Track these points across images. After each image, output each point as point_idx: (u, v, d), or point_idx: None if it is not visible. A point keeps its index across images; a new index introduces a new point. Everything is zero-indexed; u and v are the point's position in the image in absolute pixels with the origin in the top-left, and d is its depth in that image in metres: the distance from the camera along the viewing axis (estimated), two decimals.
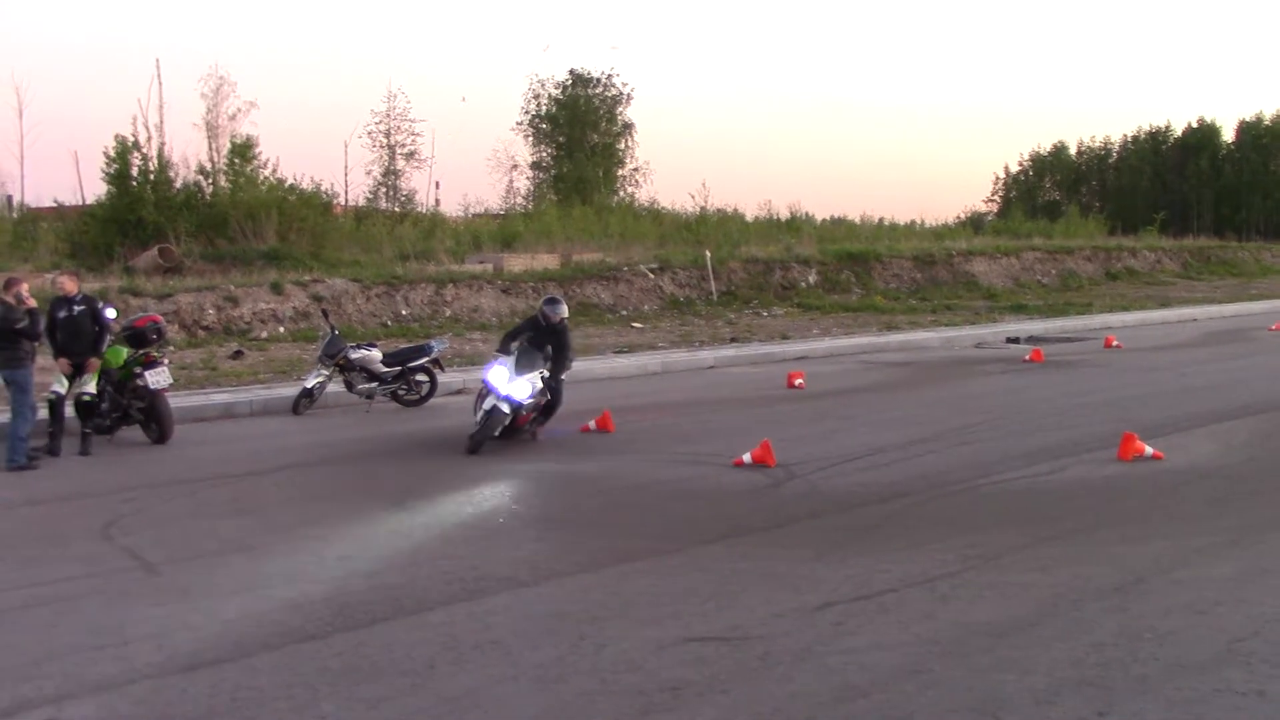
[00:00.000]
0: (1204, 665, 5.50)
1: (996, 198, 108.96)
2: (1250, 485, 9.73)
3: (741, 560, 7.55)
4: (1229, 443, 11.64)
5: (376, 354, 15.26)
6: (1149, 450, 10.68)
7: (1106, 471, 10.26)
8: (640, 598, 6.75)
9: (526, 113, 51.56)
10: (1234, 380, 16.80)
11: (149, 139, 29.78)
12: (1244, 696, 5.13)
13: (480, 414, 11.87)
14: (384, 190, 43.90)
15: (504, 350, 12.38)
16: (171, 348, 17.12)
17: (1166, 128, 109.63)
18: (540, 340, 12.42)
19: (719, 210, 44.46)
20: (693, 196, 71.69)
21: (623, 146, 52.58)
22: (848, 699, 5.18)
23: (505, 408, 11.75)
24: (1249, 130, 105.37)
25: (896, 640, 5.93)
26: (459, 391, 16.43)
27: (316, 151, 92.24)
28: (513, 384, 11.83)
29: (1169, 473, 10.14)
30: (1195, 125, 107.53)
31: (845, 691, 5.26)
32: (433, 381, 15.44)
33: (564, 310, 12.90)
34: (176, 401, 13.48)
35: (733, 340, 23.20)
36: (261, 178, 31.79)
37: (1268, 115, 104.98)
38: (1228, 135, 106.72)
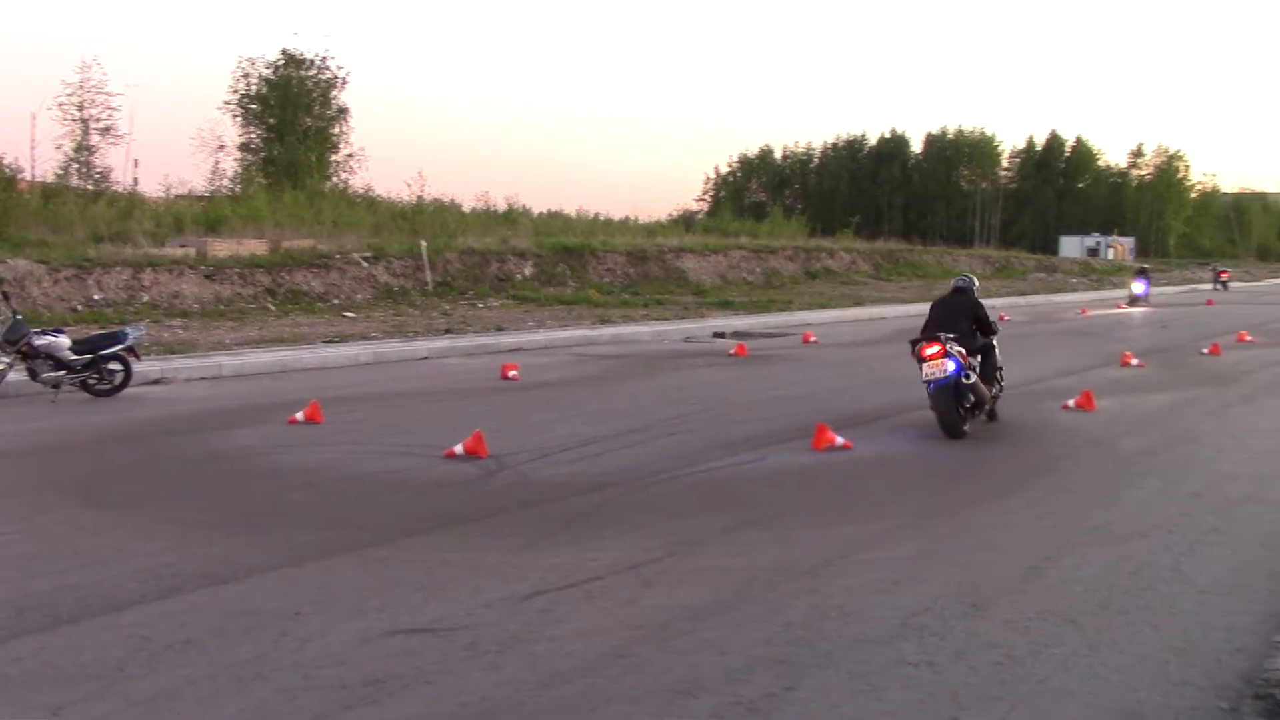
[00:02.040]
0: (882, 640, 5.90)
1: (707, 197, 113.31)
2: (929, 472, 10.50)
3: (450, 551, 7.54)
4: (912, 433, 12.50)
5: (65, 340, 14.33)
6: (840, 440, 11.33)
7: (801, 460, 10.82)
8: (345, 591, 6.64)
9: (235, 92, 49.37)
10: (917, 375, 17.97)
11: None
12: (916, 667, 5.53)
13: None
14: (76, 167, 41.03)
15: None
16: None
17: (863, 137, 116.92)
18: None
19: (436, 200, 44.14)
20: (409, 185, 70.78)
21: (337, 131, 51.10)
22: (553, 685, 5.27)
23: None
24: (935, 142, 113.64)
25: (602, 626, 6.08)
26: (156, 381, 15.66)
27: None
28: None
29: (857, 461, 10.79)
30: (888, 135, 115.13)
31: (551, 678, 5.35)
32: (127, 371, 14.66)
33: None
34: None
35: (448, 331, 23.05)
36: None
37: (951, 129, 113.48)
38: (916, 146, 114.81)
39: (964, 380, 12.10)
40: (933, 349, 12.06)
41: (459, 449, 10.65)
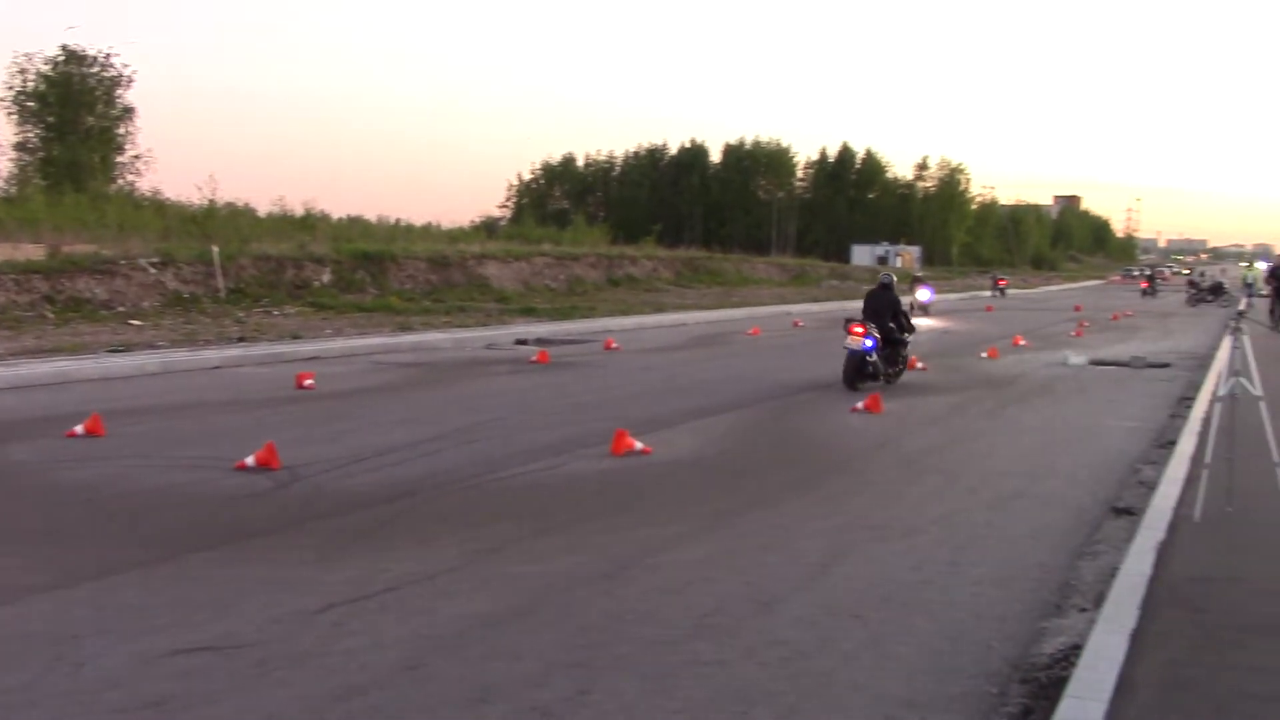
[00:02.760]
0: (676, 641, 6.01)
1: (510, 204, 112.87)
2: (724, 476, 10.73)
3: (239, 566, 7.32)
4: (708, 437, 12.76)
5: None
6: (639, 445, 11.48)
7: (601, 466, 10.91)
8: (125, 611, 6.36)
9: (10, 89, 46.80)
10: (715, 380, 18.42)
11: None
12: (709, 666, 5.67)
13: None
14: None
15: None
16: None
17: (663, 146, 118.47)
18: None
19: (229, 204, 42.66)
20: (200, 189, 68.20)
21: (122, 131, 49.07)
22: (345, 698, 5.18)
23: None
24: (733, 153, 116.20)
25: (396, 637, 6.01)
26: None
27: None
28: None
29: (655, 466, 10.95)
30: (688, 145, 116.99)
31: (343, 691, 5.26)
32: None
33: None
34: None
35: (240, 339, 22.34)
36: None
37: (749, 140, 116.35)
38: (716, 156, 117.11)
39: (869, 356, 16.98)
40: (859, 329, 16.99)
41: (250, 460, 10.34)
